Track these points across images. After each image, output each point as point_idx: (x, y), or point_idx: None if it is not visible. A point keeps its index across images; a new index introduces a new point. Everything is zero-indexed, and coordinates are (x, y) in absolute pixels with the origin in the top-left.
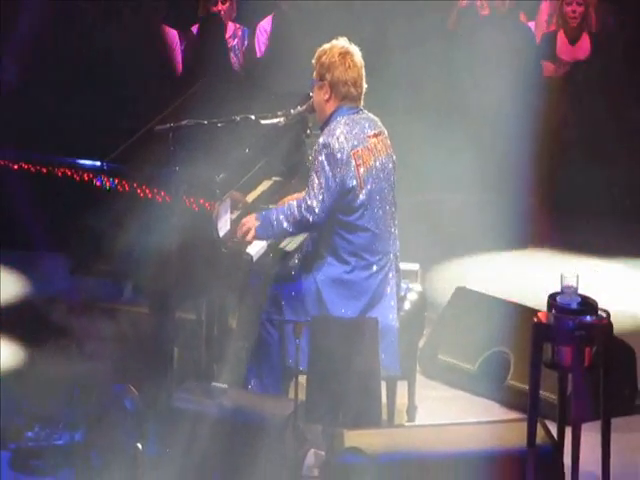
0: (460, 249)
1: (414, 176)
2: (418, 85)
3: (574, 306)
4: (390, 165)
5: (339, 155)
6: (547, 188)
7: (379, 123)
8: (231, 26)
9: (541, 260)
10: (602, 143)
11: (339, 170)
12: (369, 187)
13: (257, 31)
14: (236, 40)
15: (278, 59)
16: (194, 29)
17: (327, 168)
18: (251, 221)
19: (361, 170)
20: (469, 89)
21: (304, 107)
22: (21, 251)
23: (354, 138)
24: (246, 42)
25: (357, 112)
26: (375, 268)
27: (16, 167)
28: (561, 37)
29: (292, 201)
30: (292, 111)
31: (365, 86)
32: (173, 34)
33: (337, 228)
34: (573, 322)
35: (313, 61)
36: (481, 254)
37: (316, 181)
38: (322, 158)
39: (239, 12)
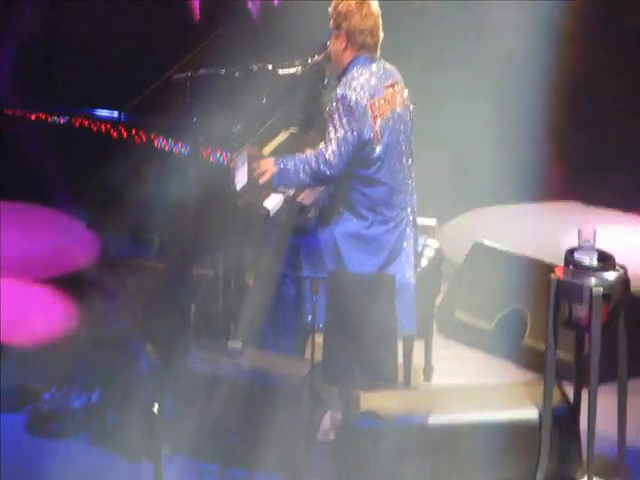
0: (477, 203)
1: (430, 129)
2: (433, 35)
3: (591, 262)
4: (407, 116)
5: (356, 107)
6: (565, 141)
7: (396, 73)
8: None
9: (559, 213)
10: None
11: (356, 122)
12: (386, 139)
13: None
14: None
15: (294, 7)
16: None
17: (344, 120)
18: (269, 165)
19: (378, 121)
20: (482, 40)
21: (321, 56)
22: (38, 203)
23: (371, 89)
24: None
25: (374, 62)
26: (393, 223)
27: (33, 117)
28: None
29: (310, 153)
30: (309, 60)
31: (381, 35)
32: None
33: (354, 182)
34: (590, 278)
35: (329, 10)
36: (499, 208)
37: (333, 134)
38: (339, 110)
39: None
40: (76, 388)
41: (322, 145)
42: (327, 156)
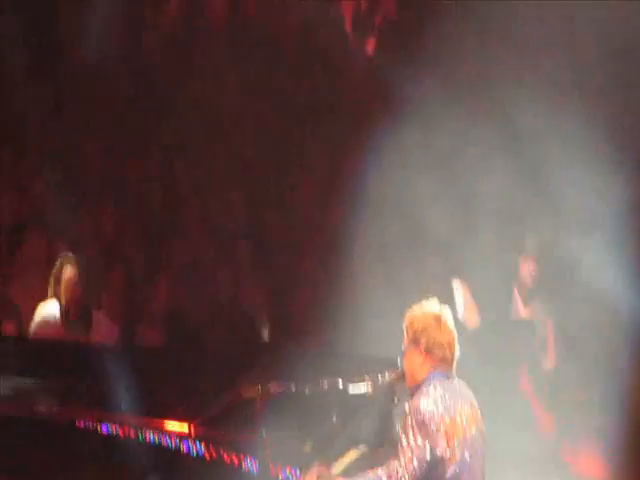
0: None
1: None
2: None
3: None
4: (481, 439)
5: (431, 423)
6: None
7: (471, 394)
8: None
9: None
10: None
11: (430, 439)
12: (459, 459)
13: None
14: None
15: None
16: None
17: (418, 437)
18: None
19: (452, 441)
20: None
21: (392, 375)
22: None
23: (446, 406)
24: None
25: (449, 378)
26: None
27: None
28: None
29: (381, 471)
30: (379, 376)
31: (458, 352)
32: None
33: None
34: None
35: (404, 326)
36: None
37: (407, 450)
38: (413, 425)
39: None
40: None
41: (394, 462)
42: (400, 474)
